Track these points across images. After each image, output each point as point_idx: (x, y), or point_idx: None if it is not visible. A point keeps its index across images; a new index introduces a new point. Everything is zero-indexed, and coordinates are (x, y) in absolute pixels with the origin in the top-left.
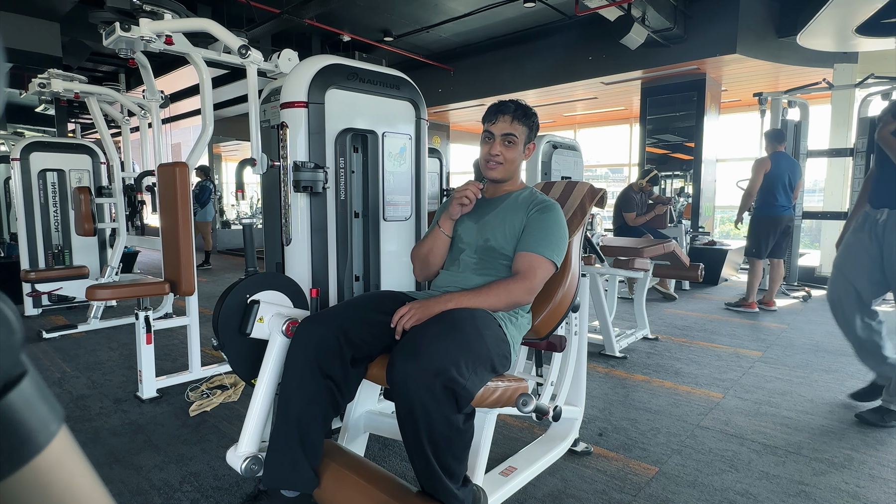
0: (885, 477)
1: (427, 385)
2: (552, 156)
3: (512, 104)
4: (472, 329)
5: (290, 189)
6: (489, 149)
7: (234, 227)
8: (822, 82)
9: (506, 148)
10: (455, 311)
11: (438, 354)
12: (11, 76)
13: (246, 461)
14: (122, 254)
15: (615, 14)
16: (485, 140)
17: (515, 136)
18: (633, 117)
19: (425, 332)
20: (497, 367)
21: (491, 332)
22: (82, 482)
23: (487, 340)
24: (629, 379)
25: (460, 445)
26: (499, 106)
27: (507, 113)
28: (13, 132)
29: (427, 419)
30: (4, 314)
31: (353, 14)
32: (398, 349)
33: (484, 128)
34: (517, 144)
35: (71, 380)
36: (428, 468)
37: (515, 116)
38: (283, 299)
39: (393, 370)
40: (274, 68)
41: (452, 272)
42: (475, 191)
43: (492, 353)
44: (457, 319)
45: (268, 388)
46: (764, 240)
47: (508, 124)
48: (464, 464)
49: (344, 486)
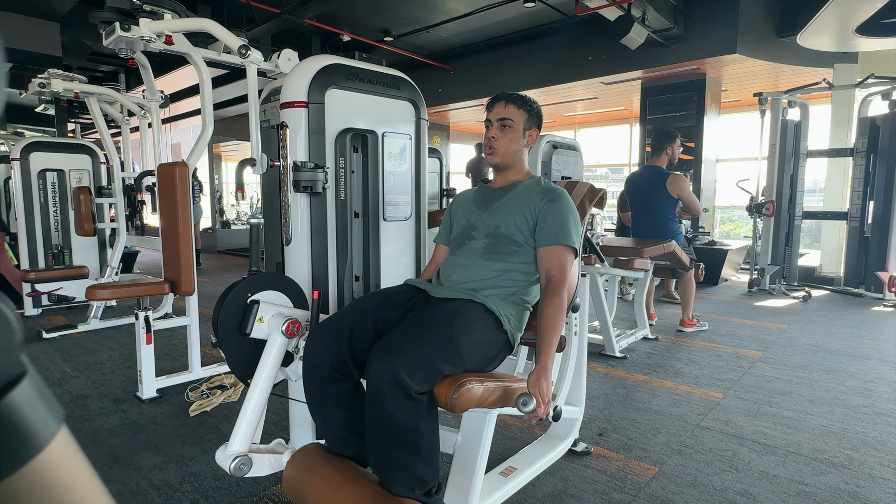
0: (885, 477)
1: (384, 383)
2: (552, 156)
3: (507, 92)
4: (447, 336)
5: (290, 189)
6: (488, 134)
7: (234, 226)
8: (822, 82)
9: (502, 132)
10: (439, 318)
11: (402, 357)
12: (11, 76)
13: (235, 460)
14: (122, 254)
15: (615, 14)
16: (486, 129)
17: (511, 119)
18: (633, 117)
19: (401, 335)
20: (474, 369)
21: (470, 338)
22: (82, 482)
23: (460, 345)
24: (629, 379)
25: (427, 449)
26: (496, 95)
27: (501, 99)
28: (13, 132)
29: (388, 418)
30: (4, 314)
31: (353, 14)
32: (375, 350)
33: (485, 118)
34: (514, 129)
35: (71, 380)
36: (389, 468)
37: (510, 101)
38: (283, 299)
39: (367, 372)
40: (274, 68)
41: (459, 256)
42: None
43: (464, 357)
44: (435, 325)
45: (263, 388)
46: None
47: (503, 108)
48: (433, 471)
49: (317, 480)
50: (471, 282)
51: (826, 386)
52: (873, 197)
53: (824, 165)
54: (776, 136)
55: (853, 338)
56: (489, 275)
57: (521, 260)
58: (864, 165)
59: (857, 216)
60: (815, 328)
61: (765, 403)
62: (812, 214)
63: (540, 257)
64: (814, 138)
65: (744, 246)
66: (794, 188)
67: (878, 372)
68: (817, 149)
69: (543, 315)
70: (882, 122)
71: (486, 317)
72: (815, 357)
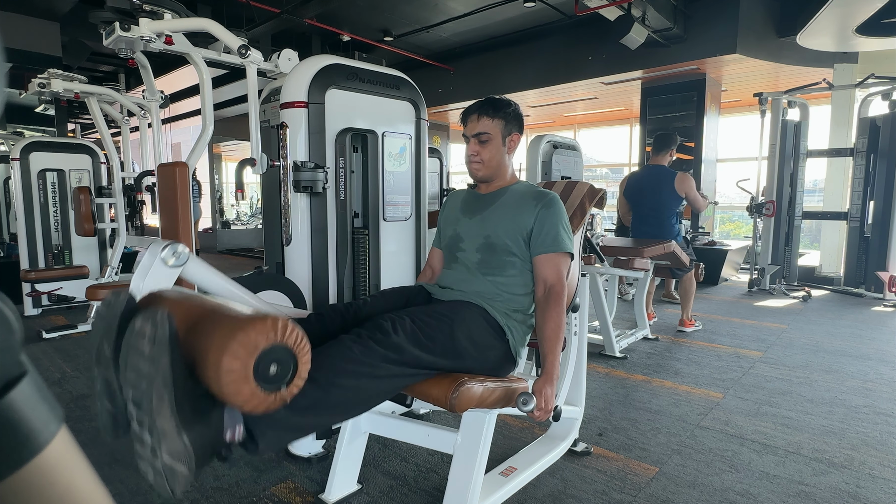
0: (885, 477)
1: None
2: (552, 156)
3: (478, 103)
4: (444, 332)
5: (290, 189)
6: (468, 151)
7: (234, 227)
8: (822, 82)
9: (482, 147)
10: (436, 320)
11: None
12: (11, 76)
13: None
14: (122, 254)
15: (615, 14)
16: (466, 143)
17: (487, 132)
18: (633, 117)
19: (402, 315)
20: (474, 371)
21: (470, 336)
22: (82, 482)
23: (459, 345)
24: (629, 379)
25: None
26: (466, 109)
27: (473, 113)
28: (13, 132)
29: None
30: (4, 314)
31: (353, 14)
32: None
33: (462, 133)
34: (492, 140)
35: (71, 380)
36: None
37: (482, 113)
38: (283, 299)
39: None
40: (274, 68)
41: (456, 271)
42: None
43: (460, 351)
44: (434, 315)
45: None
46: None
47: (476, 123)
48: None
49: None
50: (473, 292)
51: (826, 386)
52: (873, 197)
53: (824, 165)
54: (776, 136)
55: (853, 338)
56: (490, 289)
57: (517, 271)
58: (864, 165)
59: (857, 216)
60: (815, 328)
61: (765, 403)
62: (812, 214)
63: (537, 265)
64: (814, 138)
65: (744, 246)
66: (794, 188)
67: (878, 372)
68: (817, 149)
69: (547, 324)
70: (882, 122)
71: (487, 319)
72: (816, 357)
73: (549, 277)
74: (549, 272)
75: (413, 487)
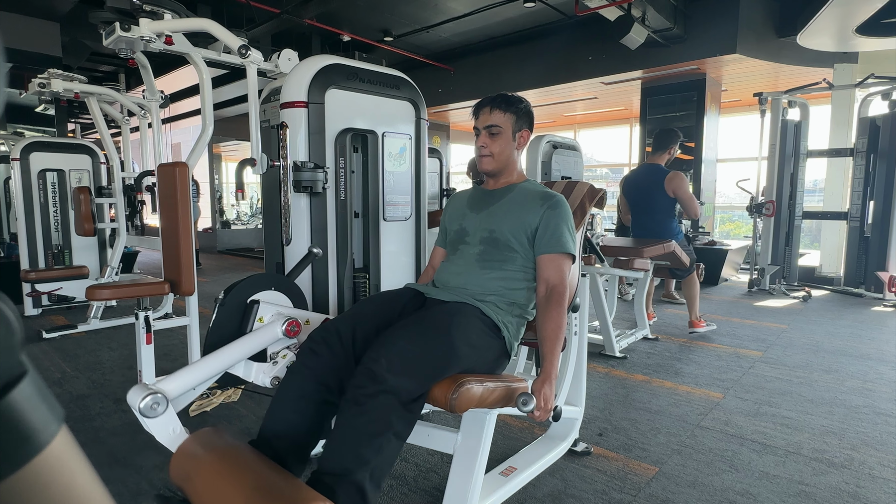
0: (885, 477)
1: (363, 377)
2: (552, 156)
3: (491, 97)
4: (444, 335)
5: (290, 189)
6: (477, 143)
7: (234, 227)
8: (822, 82)
9: (491, 139)
10: (436, 318)
11: (384, 350)
12: (11, 76)
13: (149, 398)
14: (122, 254)
15: (615, 14)
16: (475, 136)
17: (498, 125)
18: (633, 117)
19: (395, 340)
20: (472, 371)
21: (468, 340)
22: (82, 482)
23: (457, 346)
24: (629, 379)
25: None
26: (479, 102)
27: (485, 105)
28: (13, 132)
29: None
30: (4, 314)
31: (353, 14)
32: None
33: (473, 126)
34: (503, 133)
35: (71, 380)
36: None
37: (495, 106)
38: (283, 299)
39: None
40: (274, 68)
41: (454, 263)
42: None
43: (461, 357)
44: (431, 325)
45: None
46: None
47: (489, 115)
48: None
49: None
50: (468, 288)
51: (826, 386)
52: (873, 197)
53: (824, 165)
54: (776, 136)
55: (853, 338)
56: (486, 282)
57: (517, 267)
58: (864, 165)
59: (857, 216)
60: (815, 328)
61: (765, 403)
62: (812, 214)
63: (540, 265)
64: (814, 138)
65: (744, 246)
66: (794, 188)
67: (878, 372)
68: (817, 149)
69: (547, 324)
70: (882, 122)
71: (483, 319)
72: (815, 357)
73: (552, 278)
74: (552, 272)
75: (413, 487)
